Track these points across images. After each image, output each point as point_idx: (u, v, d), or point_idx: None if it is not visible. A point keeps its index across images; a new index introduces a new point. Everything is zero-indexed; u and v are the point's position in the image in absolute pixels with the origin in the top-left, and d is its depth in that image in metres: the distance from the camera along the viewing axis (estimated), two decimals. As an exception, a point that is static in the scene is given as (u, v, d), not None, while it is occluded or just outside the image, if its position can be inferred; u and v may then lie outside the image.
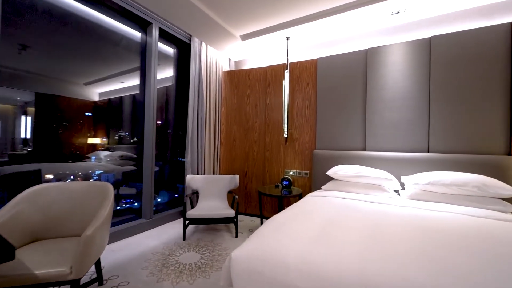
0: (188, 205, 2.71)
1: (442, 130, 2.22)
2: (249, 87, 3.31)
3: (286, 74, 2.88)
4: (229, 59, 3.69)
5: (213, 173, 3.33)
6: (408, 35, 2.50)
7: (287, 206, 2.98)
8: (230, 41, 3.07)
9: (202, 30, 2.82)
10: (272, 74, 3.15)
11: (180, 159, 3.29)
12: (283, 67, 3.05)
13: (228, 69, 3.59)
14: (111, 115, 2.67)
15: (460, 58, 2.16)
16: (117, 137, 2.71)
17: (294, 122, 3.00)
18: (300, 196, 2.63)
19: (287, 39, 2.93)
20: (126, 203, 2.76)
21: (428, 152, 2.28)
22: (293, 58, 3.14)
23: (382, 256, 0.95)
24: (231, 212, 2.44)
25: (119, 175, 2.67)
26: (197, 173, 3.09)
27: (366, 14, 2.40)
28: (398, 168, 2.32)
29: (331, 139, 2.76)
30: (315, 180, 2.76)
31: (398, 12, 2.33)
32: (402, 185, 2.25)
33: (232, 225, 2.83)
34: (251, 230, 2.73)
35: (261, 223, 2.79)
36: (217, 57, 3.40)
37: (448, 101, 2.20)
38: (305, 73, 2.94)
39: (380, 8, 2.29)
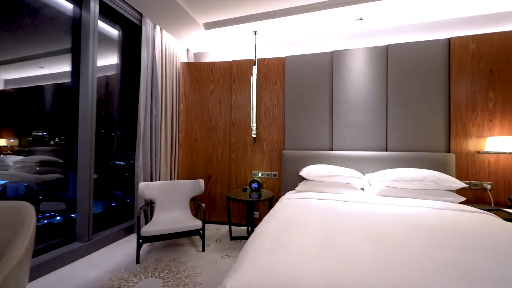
0: (142, 218, 2.25)
1: (397, 131, 2.44)
2: (212, 82, 3.02)
3: (254, 70, 2.72)
4: (187, 50, 3.30)
5: (171, 179, 2.90)
6: (369, 41, 2.68)
7: (257, 211, 2.87)
8: (192, 28, 2.72)
9: (157, 9, 2.39)
10: (238, 70, 2.94)
11: (119, 162, 2.74)
12: (250, 62, 2.88)
13: (187, 61, 3.20)
14: (23, 110, 1.97)
15: (411, 66, 2.41)
16: (31, 137, 2.01)
17: (262, 122, 2.86)
18: (271, 200, 2.50)
19: (255, 34, 2.77)
20: (50, 223, 2.10)
21: (387, 150, 2.47)
22: (261, 55, 3.01)
23: (401, 264, 0.88)
24: (197, 224, 2.12)
25: (35, 185, 2.00)
26: (151, 179, 2.62)
27: (332, 17, 2.45)
28: (362, 166, 2.44)
29: (299, 139, 2.73)
30: (285, 181, 2.68)
31: (361, 19, 2.46)
32: (368, 182, 2.37)
33: (196, 237, 2.49)
34: (219, 240, 2.46)
35: (230, 231, 2.55)
36: (174, 45, 2.98)
37: (402, 104, 2.43)
38: (273, 70, 2.84)
39: (345, 12, 2.36)
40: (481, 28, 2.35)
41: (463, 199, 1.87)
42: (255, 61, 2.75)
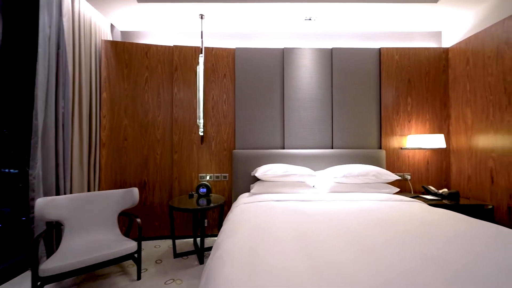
0: (42, 249, 1.60)
1: (341, 129, 2.60)
2: (148, 68, 2.50)
3: (201, 59, 2.39)
4: (112, 25, 2.64)
5: (89, 190, 2.23)
6: (317, 42, 2.77)
7: (205, 219, 2.54)
8: (118, -2, 2.15)
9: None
10: (180, 57, 2.53)
11: (7, 170, 1.95)
12: (196, 51, 2.53)
13: (111, 39, 2.55)
14: None
15: (351, 70, 2.61)
16: None
17: (210, 118, 2.56)
18: (221, 206, 2.23)
19: (202, 18, 2.44)
20: None
21: (332, 148, 2.60)
22: (209, 43, 2.69)
23: (393, 267, 0.80)
24: (128, 246, 1.66)
25: None
26: (58, 193, 1.93)
27: (282, 13, 2.39)
28: (312, 164, 2.48)
29: (251, 137, 2.58)
30: (236, 183, 2.47)
31: (310, 19, 2.50)
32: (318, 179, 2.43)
33: (128, 261, 1.97)
34: (159, 260, 2.02)
35: (174, 247, 2.14)
36: (94, 16, 2.30)
37: (344, 105, 2.61)
38: (222, 62, 2.58)
39: (295, 10, 2.34)
40: (403, 42, 2.77)
41: (397, 190, 2.13)
42: (202, 49, 2.42)
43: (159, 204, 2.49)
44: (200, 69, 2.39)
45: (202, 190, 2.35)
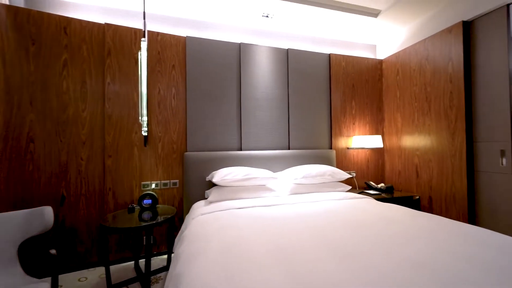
0: None
1: (297, 130, 2.63)
2: (68, 49, 1.93)
3: (143, 44, 1.99)
4: (9, -13, 1.92)
5: (-33, 214, 1.53)
6: (274, 42, 2.71)
7: (152, 235, 2.07)
8: None
9: None
10: (115, 39, 2.05)
11: None
12: (136, 33, 2.10)
13: (8, 3, 1.84)
14: None
15: (305, 72, 2.67)
16: None
17: (156, 116, 2.17)
18: (171, 220, 1.89)
19: (144, -5, 2.03)
20: None
21: (289, 149, 2.60)
22: (153, 27, 2.28)
23: (382, 275, 0.74)
24: (40, 289, 1.18)
25: None
26: None
27: (239, 5, 2.24)
28: (270, 166, 2.42)
29: (205, 138, 2.32)
30: (189, 190, 2.17)
31: (267, 16, 2.43)
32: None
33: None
34: (88, 298, 1.55)
35: (108, 276, 1.69)
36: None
37: (300, 106, 2.64)
38: (170, 51, 2.23)
39: (251, 4, 2.22)
40: (348, 50, 3.01)
41: (349, 187, 2.26)
42: (144, 32, 2.01)
43: (86, 224, 1.95)
44: (143, 56, 1.98)
45: (147, 202, 1.95)
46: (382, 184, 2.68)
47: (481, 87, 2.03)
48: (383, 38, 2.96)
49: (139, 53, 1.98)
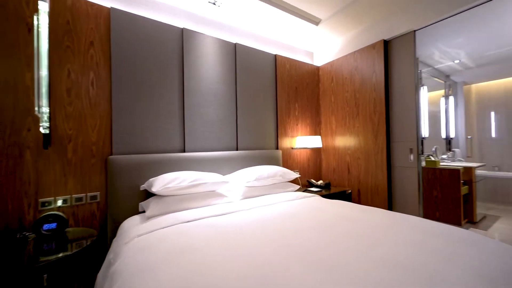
0: None
1: (245, 130, 2.51)
2: None
3: (43, 5, 1.42)
4: None
5: None
6: (222, 34, 2.48)
7: (55, 279, 1.49)
8: None
9: None
10: (-11, -10, 1.38)
11: None
12: (29, -11, 1.48)
13: None
14: None
15: (253, 70, 2.59)
16: None
17: (65, 107, 1.60)
18: (90, 248, 1.42)
19: None
20: None
21: (237, 149, 2.45)
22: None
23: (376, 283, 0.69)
24: None
25: None
26: None
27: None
28: (218, 168, 2.20)
29: (139, 138, 1.88)
30: (115, 204, 1.70)
31: (215, 4, 2.20)
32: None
33: None
34: None
35: None
36: None
37: (248, 105, 2.54)
38: (87, 23, 1.69)
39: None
40: (291, 54, 3.11)
41: (298, 187, 2.31)
42: (43, -12, 1.44)
43: None
44: (42, 22, 1.41)
45: (49, 226, 1.39)
46: (321, 181, 2.90)
47: (396, 96, 2.45)
48: (320, 46, 3.22)
49: (34, 17, 1.41)
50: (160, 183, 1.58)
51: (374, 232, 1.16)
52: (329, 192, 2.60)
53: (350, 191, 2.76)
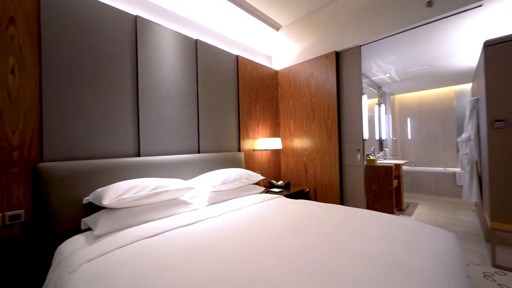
0: None
1: (207, 131, 2.39)
2: None
3: None
4: None
5: None
6: (182, 28, 2.28)
7: None
8: None
9: None
10: None
11: None
12: None
13: None
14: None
15: (215, 70, 2.49)
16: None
17: (-32, 99, 1.20)
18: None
19: None
20: None
21: (199, 152, 2.31)
22: None
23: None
24: None
25: None
26: None
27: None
28: (178, 173, 2.03)
29: (80, 140, 1.57)
30: (47, 223, 1.37)
31: (174, -6, 2.02)
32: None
33: None
34: None
35: None
36: None
37: (210, 106, 2.42)
38: (4, -8, 1.31)
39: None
40: (252, 56, 3.12)
41: (263, 189, 2.32)
42: None
43: None
44: None
45: None
46: (281, 182, 3.00)
47: (345, 102, 2.73)
48: (279, 51, 3.34)
49: None
50: (113, 194, 1.34)
51: (343, 228, 1.25)
52: (289, 191, 2.70)
53: (307, 189, 2.94)
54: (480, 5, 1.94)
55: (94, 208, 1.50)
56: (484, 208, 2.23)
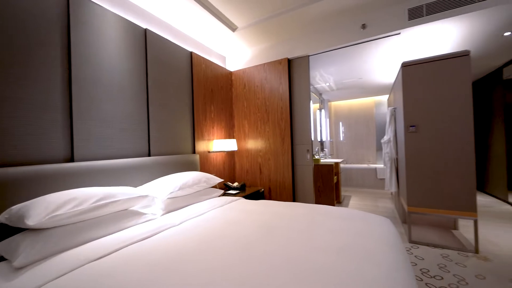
0: None
1: (159, 133, 2.16)
2: None
3: None
4: None
5: None
6: (125, 12, 1.97)
7: None
8: None
9: None
10: None
11: None
12: None
13: None
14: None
15: (168, 65, 2.28)
16: None
17: None
18: None
19: None
20: None
21: (150, 155, 2.07)
22: None
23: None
24: None
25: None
26: None
27: None
28: (125, 180, 1.77)
29: (-17, 142, 1.17)
30: None
31: (119, -27, 1.75)
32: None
33: None
34: None
35: None
36: None
37: (162, 104, 2.20)
38: None
39: None
40: (206, 55, 2.99)
41: (222, 191, 2.25)
42: None
43: None
44: None
45: None
46: (237, 183, 2.99)
47: (296, 106, 2.94)
48: (233, 52, 3.32)
49: None
50: (42, 211, 1.05)
51: (311, 224, 1.34)
52: (245, 193, 2.72)
53: (262, 189, 3.02)
54: (399, 33, 2.42)
55: (13, 231, 1.14)
56: (401, 196, 2.77)
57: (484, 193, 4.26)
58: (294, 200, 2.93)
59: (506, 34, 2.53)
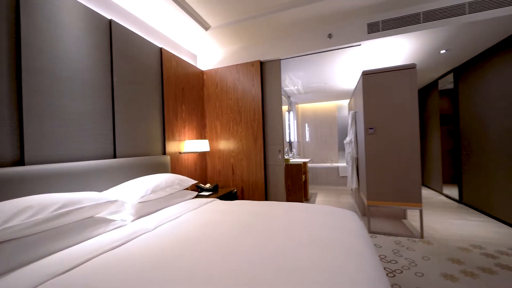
0: None
1: (125, 133, 2.01)
2: None
3: None
4: None
5: None
6: (89, 2, 1.79)
7: None
8: None
9: None
10: None
11: None
12: None
13: None
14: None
15: (136, 60, 2.13)
16: None
17: None
18: None
19: None
20: None
21: (115, 157, 1.91)
22: None
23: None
24: None
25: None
26: None
27: None
28: (88, 184, 1.61)
29: None
30: None
31: (81, -44, 1.58)
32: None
33: None
34: None
35: None
36: None
37: (128, 100, 2.05)
38: None
39: None
40: (177, 52, 2.86)
41: (196, 193, 2.18)
42: None
43: None
44: None
45: None
46: (209, 184, 2.94)
47: (269, 107, 3.02)
48: (204, 51, 3.25)
49: None
50: (-12, 222, 0.90)
51: (290, 222, 1.40)
52: (218, 194, 2.70)
53: (235, 190, 3.03)
54: (359, 44, 2.68)
55: None
56: (361, 191, 3.07)
57: (424, 186, 4.96)
58: (266, 199, 3.00)
59: (442, 52, 3.00)
